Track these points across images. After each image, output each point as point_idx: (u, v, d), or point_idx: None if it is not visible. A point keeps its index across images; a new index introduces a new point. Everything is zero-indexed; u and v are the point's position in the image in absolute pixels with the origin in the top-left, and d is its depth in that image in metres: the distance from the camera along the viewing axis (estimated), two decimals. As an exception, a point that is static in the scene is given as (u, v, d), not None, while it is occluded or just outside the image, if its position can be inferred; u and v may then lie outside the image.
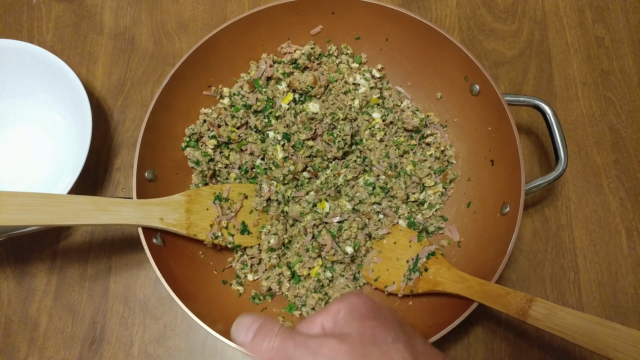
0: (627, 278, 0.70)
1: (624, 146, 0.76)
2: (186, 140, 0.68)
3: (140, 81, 0.78)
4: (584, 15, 0.83)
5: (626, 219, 0.73)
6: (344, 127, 0.68)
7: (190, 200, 0.61)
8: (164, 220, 0.58)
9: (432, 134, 0.71)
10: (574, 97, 0.79)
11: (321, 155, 0.68)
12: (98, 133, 0.75)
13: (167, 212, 0.58)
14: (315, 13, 0.69)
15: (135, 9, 0.82)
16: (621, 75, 0.80)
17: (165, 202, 0.59)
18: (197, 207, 0.62)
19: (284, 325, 0.37)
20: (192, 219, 0.61)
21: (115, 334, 0.66)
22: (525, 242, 0.71)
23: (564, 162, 0.62)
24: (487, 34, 0.82)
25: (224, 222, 0.64)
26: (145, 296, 0.68)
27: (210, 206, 0.64)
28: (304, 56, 0.71)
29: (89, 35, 0.81)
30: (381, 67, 0.74)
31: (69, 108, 0.71)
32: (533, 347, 0.66)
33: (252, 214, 0.67)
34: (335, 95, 0.71)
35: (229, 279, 0.66)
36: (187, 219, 0.60)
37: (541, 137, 0.76)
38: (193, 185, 0.68)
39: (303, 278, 0.66)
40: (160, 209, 0.58)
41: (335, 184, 0.68)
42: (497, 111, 0.63)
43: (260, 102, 0.70)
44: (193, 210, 0.61)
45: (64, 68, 0.68)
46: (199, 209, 0.62)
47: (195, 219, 0.61)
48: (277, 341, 0.35)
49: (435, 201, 0.69)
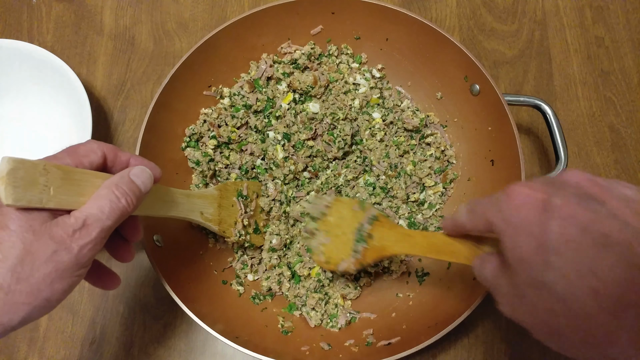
0: (627, 278, 0.70)
1: (624, 146, 0.76)
2: (186, 141, 0.68)
3: (140, 81, 0.78)
4: (584, 15, 0.83)
5: (626, 219, 0.72)
6: (344, 127, 0.68)
7: (221, 195, 0.60)
8: (203, 215, 0.57)
9: (432, 134, 0.71)
10: (574, 97, 0.79)
11: (321, 155, 0.68)
12: (98, 133, 0.74)
13: (205, 205, 0.57)
14: (315, 13, 0.69)
15: (135, 9, 0.82)
16: (621, 75, 0.80)
17: (204, 194, 0.58)
18: (226, 202, 0.61)
19: None
20: (222, 215, 0.60)
21: (115, 334, 0.66)
22: (525, 242, 0.71)
23: (564, 162, 0.62)
24: (487, 34, 0.82)
25: (246, 220, 0.64)
26: (145, 296, 0.68)
27: (234, 202, 0.63)
28: (304, 56, 0.71)
29: (89, 35, 0.81)
30: (381, 67, 0.74)
31: (69, 108, 0.71)
32: (533, 347, 0.66)
33: (262, 213, 0.67)
34: (335, 95, 0.71)
35: (229, 279, 0.66)
36: (219, 214, 0.59)
37: (541, 137, 0.76)
38: (193, 186, 0.67)
39: (303, 278, 0.66)
40: (201, 202, 0.57)
41: (335, 184, 0.68)
42: (497, 111, 0.63)
43: (260, 102, 0.70)
44: (223, 205, 0.60)
45: (64, 68, 0.68)
46: (227, 204, 0.61)
47: (224, 215, 0.60)
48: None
49: (435, 201, 0.69)
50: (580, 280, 0.30)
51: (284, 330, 0.62)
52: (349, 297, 0.65)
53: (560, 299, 0.32)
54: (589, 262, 0.30)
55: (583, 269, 0.30)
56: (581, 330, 0.31)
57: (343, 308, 0.65)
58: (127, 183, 0.41)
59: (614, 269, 0.29)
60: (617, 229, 0.30)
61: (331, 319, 0.64)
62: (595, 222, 0.31)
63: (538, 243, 0.32)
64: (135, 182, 0.42)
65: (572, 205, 0.32)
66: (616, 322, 0.30)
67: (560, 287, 0.31)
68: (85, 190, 0.39)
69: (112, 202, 0.39)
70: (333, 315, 0.64)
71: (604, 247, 0.30)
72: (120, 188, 0.40)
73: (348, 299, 0.66)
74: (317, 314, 0.64)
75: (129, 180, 0.41)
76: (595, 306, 0.30)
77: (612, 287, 0.29)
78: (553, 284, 0.32)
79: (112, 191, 0.40)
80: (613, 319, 0.30)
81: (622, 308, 0.29)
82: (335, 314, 0.64)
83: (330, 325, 0.64)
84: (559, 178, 0.35)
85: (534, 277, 0.33)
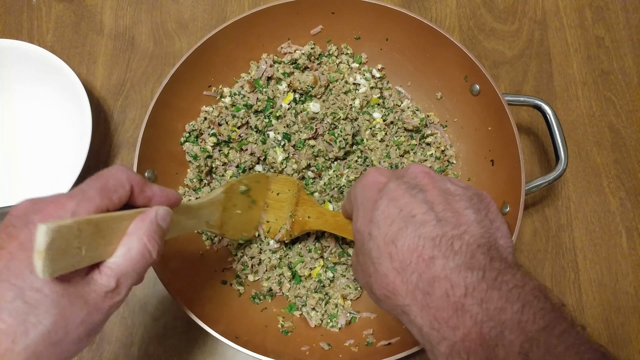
0: (627, 278, 0.70)
1: (624, 146, 0.76)
2: (185, 136, 0.68)
3: (140, 81, 0.78)
4: (584, 15, 0.83)
5: (626, 219, 0.73)
6: (345, 127, 0.68)
7: (227, 197, 0.57)
8: (208, 224, 0.54)
9: (432, 134, 0.71)
10: (574, 97, 0.79)
11: (323, 154, 0.68)
12: (98, 133, 0.74)
13: (212, 213, 0.55)
14: (315, 13, 0.69)
15: (135, 9, 0.82)
16: (621, 75, 0.80)
17: (213, 202, 0.55)
18: (229, 204, 0.58)
19: None
20: (224, 217, 0.57)
21: (115, 334, 0.66)
22: (525, 242, 0.71)
23: (564, 162, 0.62)
24: (487, 34, 0.82)
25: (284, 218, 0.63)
26: (145, 296, 0.68)
27: (238, 202, 0.61)
28: (304, 56, 0.71)
29: (89, 35, 0.81)
30: (381, 67, 0.74)
31: (69, 108, 0.71)
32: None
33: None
34: (335, 95, 0.71)
35: (229, 279, 0.66)
36: (222, 218, 0.57)
37: (541, 137, 0.76)
38: (187, 180, 0.67)
39: (304, 278, 0.66)
40: (209, 212, 0.54)
41: (338, 185, 0.68)
42: (497, 111, 0.63)
43: (260, 102, 0.70)
44: (227, 207, 0.58)
45: (64, 68, 0.68)
46: (230, 205, 0.59)
47: (226, 217, 0.58)
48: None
49: (435, 201, 0.69)
50: (385, 247, 0.38)
51: (284, 330, 0.62)
52: (349, 297, 0.65)
53: (373, 263, 0.39)
54: (394, 234, 0.38)
55: (388, 239, 0.38)
56: (382, 286, 0.38)
57: (343, 308, 0.65)
58: (157, 231, 0.39)
59: (406, 238, 0.37)
60: (423, 211, 0.38)
61: (331, 319, 0.64)
62: (410, 204, 0.38)
63: (369, 217, 0.40)
64: (162, 227, 0.40)
65: (399, 190, 0.40)
66: (399, 279, 0.37)
67: (375, 253, 0.39)
68: (114, 238, 0.37)
69: (144, 257, 0.38)
70: (333, 315, 0.64)
71: (407, 223, 0.37)
72: (151, 239, 0.38)
73: (348, 299, 0.66)
74: (317, 314, 0.64)
75: (157, 227, 0.39)
76: (390, 267, 0.37)
77: (402, 253, 0.37)
78: (370, 251, 0.39)
79: (144, 243, 0.38)
80: (398, 276, 0.37)
81: (403, 268, 0.36)
82: (336, 314, 0.64)
83: (331, 325, 0.64)
84: (405, 169, 0.43)
85: (362, 245, 0.41)
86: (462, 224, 0.37)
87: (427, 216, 0.37)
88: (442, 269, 0.34)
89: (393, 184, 0.40)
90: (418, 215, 0.37)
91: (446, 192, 0.39)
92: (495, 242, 0.37)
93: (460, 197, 0.39)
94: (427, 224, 0.37)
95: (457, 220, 0.37)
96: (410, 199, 0.39)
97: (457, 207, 0.38)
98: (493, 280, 0.33)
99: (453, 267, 0.34)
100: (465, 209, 0.38)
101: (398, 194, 0.39)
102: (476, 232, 0.36)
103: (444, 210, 0.38)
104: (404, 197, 0.39)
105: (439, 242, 0.36)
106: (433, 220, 0.37)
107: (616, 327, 0.68)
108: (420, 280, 0.35)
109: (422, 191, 0.39)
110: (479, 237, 0.36)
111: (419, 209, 0.38)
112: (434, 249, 0.35)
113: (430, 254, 0.35)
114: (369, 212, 0.41)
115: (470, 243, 0.35)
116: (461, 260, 0.34)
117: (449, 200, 0.38)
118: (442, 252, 0.35)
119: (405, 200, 0.39)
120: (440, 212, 0.37)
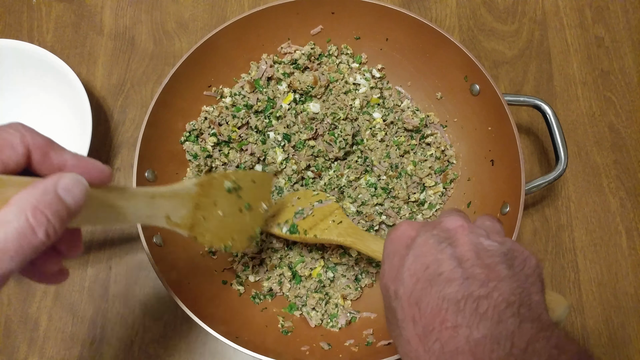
0: (627, 278, 0.70)
1: (624, 146, 0.76)
2: (186, 135, 0.68)
3: (140, 81, 0.78)
4: (584, 15, 0.83)
5: (626, 219, 0.73)
6: (345, 127, 0.68)
7: (202, 193, 0.48)
8: (170, 219, 0.45)
9: (432, 134, 0.71)
10: (574, 97, 0.79)
11: (323, 155, 0.68)
12: (98, 133, 0.74)
13: (176, 207, 0.45)
14: (315, 13, 0.69)
15: (135, 9, 0.82)
16: (621, 75, 0.80)
17: (178, 193, 0.45)
18: (206, 201, 0.49)
19: None
20: (197, 217, 0.48)
21: (115, 334, 0.66)
22: (525, 241, 0.71)
23: (564, 162, 0.62)
24: (487, 34, 0.82)
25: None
26: (145, 296, 0.68)
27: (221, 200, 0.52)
28: (304, 56, 0.71)
29: (89, 35, 0.81)
30: (381, 67, 0.74)
31: (69, 108, 0.71)
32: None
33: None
34: (335, 95, 0.71)
35: (229, 279, 0.66)
36: (193, 216, 0.47)
37: (541, 137, 0.76)
38: (186, 179, 0.67)
39: (304, 278, 0.66)
40: (170, 204, 0.44)
41: (338, 185, 0.68)
42: (497, 111, 0.63)
43: (261, 103, 0.70)
44: (202, 205, 0.49)
45: (64, 68, 0.68)
46: (208, 203, 0.50)
47: (199, 216, 0.49)
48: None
49: (435, 201, 0.69)
50: (409, 309, 0.34)
51: (284, 330, 0.62)
52: (349, 297, 0.65)
53: (398, 327, 0.36)
54: (418, 294, 0.34)
55: (412, 300, 0.34)
56: (404, 353, 0.35)
57: (343, 308, 0.65)
58: (52, 203, 0.29)
59: (430, 300, 0.33)
60: (450, 268, 0.34)
61: (331, 318, 0.64)
62: (437, 261, 0.35)
63: (395, 274, 0.37)
64: (64, 200, 0.30)
65: (427, 245, 0.36)
66: (422, 347, 0.33)
67: (399, 315, 0.35)
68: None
69: (24, 235, 0.27)
70: (333, 315, 0.64)
71: (432, 282, 0.34)
72: (39, 213, 0.28)
73: (349, 299, 0.66)
74: (318, 314, 0.64)
75: (54, 197, 0.29)
76: (413, 333, 0.34)
77: (425, 317, 0.33)
78: (395, 312, 0.36)
79: (25, 218, 0.28)
80: (420, 344, 0.33)
81: (426, 334, 0.33)
82: (336, 313, 0.64)
83: (331, 325, 0.64)
84: (439, 220, 0.39)
85: (389, 304, 0.37)
86: (492, 280, 0.33)
87: (454, 274, 0.34)
88: (466, 342, 0.31)
89: (421, 238, 0.37)
90: (445, 273, 0.34)
91: (478, 245, 0.36)
92: (528, 299, 0.33)
93: (494, 252, 0.35)
94: (453, 282, 0.33)
95: (486, 277, 0.33)
96: (438, 255, 0.35)
97: (488, 262, 0.34)
98: (522, 352, 0.30)
99: (478, 339, 0.31)
100: (498, 264, 0.34)
101: (425, 249, 0.36)
102: (506, 289, 0.33)
103: (472, 266, 0.34)
104: (431, 253, 0.36)
105: (463, 306, 0.32)
106: (460, 279, 0.33)
107: (616, 327, 0.68)
108: (442, 353, 0.32)
109: (451, 245, 0.36)
110: (509, 294, 0.32)
111: (447, 266, 0.34)
112: (458, 315, 0.32)
113: (454, 322, 0.32)
114: (395, 269, 0.38)
115: (498, 303, 0.32)
116: (487, 329, 0.31)
117: (480, 255, 0.35)
118: (466, 319, 0.32)
119: (432, 256, 0.35)
120: (469, 268, 0.34)
